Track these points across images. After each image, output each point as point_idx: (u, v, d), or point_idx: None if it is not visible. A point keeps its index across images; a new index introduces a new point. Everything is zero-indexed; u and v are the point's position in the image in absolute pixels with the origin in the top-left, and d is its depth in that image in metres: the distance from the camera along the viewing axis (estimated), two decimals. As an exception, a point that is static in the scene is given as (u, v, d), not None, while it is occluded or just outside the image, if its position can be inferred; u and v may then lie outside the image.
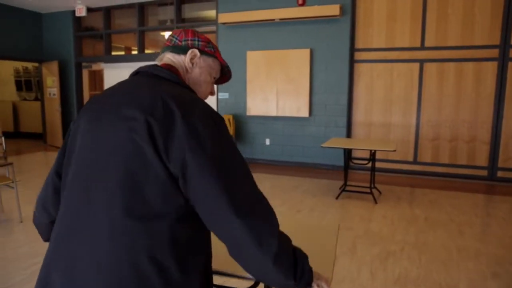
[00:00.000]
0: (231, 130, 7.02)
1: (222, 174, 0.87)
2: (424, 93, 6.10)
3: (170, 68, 1.08)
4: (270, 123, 7.05)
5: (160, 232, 0.85)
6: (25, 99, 11.36)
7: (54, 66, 8.85)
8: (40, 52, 9.21)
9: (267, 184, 5.62)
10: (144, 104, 0.89)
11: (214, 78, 1.20)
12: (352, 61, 6.44)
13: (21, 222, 3.96)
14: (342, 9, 6.21)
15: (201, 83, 1.15)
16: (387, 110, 6.33)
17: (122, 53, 8.97)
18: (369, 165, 4.93)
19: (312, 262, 1.01)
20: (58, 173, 1.05)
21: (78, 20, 8.86)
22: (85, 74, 9.23)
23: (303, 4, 6.41)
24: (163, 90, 0.93)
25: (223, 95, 7.35)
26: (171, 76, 1.04)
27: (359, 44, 6.41)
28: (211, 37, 7.69)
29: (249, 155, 7.30)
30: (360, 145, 4.75)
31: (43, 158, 7.74)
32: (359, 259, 3.09)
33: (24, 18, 8.79)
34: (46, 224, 1.12)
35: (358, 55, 6.43)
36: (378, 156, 5.89)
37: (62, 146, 1.06)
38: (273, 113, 6.87)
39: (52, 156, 7.94)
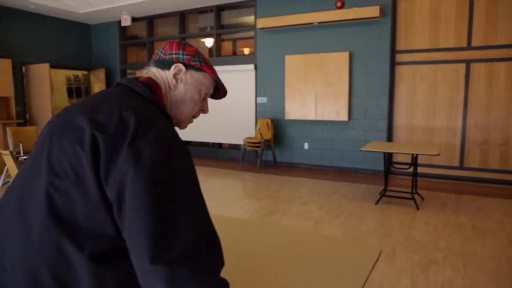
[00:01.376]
0: (269, 134, 7.04)
1: (158, 210, 0.74)
2: (471, 95, 5.81)
3: (148, 83, 0.98)
4: (309, 127, 6.99)
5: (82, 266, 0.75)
6: (75, 106, 12.01)
7: (101, 73, 9.32)
8: (89, 61, 9.73)
9: (305, 189, 5.57)
10: (99, 116, 0.80)
11: (206, 94, 1.07)
12: (393, 63, 6.27)
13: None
14: (382, 11, 6.06)
15: (186, 102, 1.03)
16: (431, 113, 6.09)
17: (164, 60, 9.26)
18: (411, 170, 4.75)
19: None
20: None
21: (124, 29, 9.28)
22: (130, 80, 9.62)
23: (341, 7, 6.33)
24: (126, 106, 0.82)
25: (261, 100, 7.39)
26: (145, 92, 0.94)
27: (400, 45, 6.23)
28: (250, 42, 7.78)
29: (288, 159, 7.27)
30: (401, 149, 4.60)
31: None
32: (398, 266, 2.98)
33: (75, 30, 9.33)
34: None
35: (400, 57, 6.24)
36: (420, 160, 5.67)
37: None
38: (311, 117, 6.81)
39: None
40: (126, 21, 8.70)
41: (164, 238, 0.73)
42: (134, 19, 8.81)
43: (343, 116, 6.52)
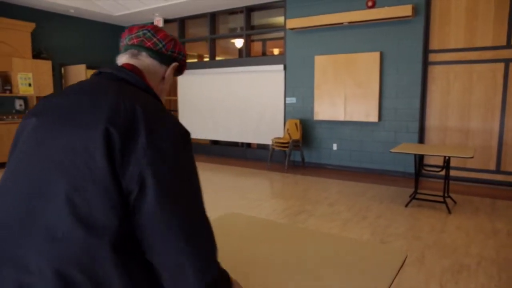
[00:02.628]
0: (298, 134, 7.03)
1: (178, 197, 0.82)
2: (510, 95, 5.57)
3: (135, 71, 0.99)
4: (338, 128, 6.92)
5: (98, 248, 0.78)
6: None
7: (134, 74, 9.59)
8: (123, 62, 10.03)
9: (333, 190, 5.53)
10: (107, 111, 0.81)
11: None
12: (425, 63, 6.11)
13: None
14: (414, 9, 5.93)
15: (166, 89, 1.14)
16: (465, 115, 5.89)
17: (195, 60, 9.44)
18: (443, 172, 4.62)
19: None
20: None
21: (156, 31, 9.50)
22: (161, 81, 9.86)
23: (372, 6, 6.23)
24: (130, 98, 0.85)
25: (291, 100, 7.39)
26: (139, 82, 0.96)
27: (433, 45, 6.07)
28: (280, 42, 7.80)
29: (316, 160, 7.23)
30: (432, 151, 4.48)
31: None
32: (428, 270, 2.92)
33: (110, 32, 9.66)
34: None
35: (433, 57, 6.08)
36: (453, 163, 5.50)
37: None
38: (341, 117, 6.75)
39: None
40: (158, 23, 8.92)
41: (193, 222, 0.84)
42: (166, 21, 9.02)
43: (373, 117, 6.42)
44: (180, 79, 9.02)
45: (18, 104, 7.91)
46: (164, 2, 7.74)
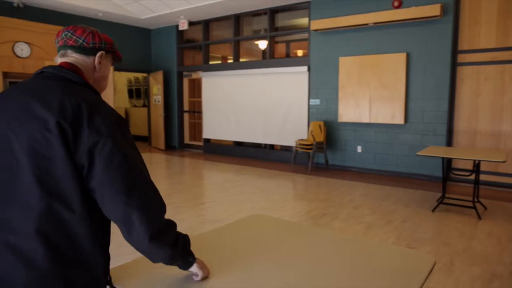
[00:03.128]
0: (322, 136, 6.98)
1: (118, 163, 1.03)
2: (544, 98, 5.36)
3: (74, 69, 1.17)
4: (362, 130, 6.83)
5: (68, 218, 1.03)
6: (135, 106, 12.71)
7: (159, 75, 9.76)
8: (148, 64, 10.23)
9: (357, 192, 5.45)
10: (56, 107, 1.01)
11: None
12: (454, 64, 5.95)
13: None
14: (443, 9, 5.78)
15: (104, 78, 1.29)
16: (496, 117, 5.69)
17: (219, 62, 9.51)
18: (472, 177, 4.48)
19: None
20: None
21: (181, 33, 9.65)
22: (186, 82, 10.00)
23: (399, 6, 6.12)
24: (72, 94, 1.06)
25: (314, 102, 7.34)
26: (77, 79, 1.14)
27: (463, 45, 5.90)
28: (304, 44, 7.77)
29: (340, 162, 7.15)
30: (461, 155, 4.35)
31: (148, 159, 8.53)
32: (457, 278, 2.83)
33: (137, 35, 9.87)
34: None
35: (462, 57, 5.91)
36: (483, 167, 5.33)
37: None
38: (365, 119, 6.65)
39: (156, 157, 8.74)
40: (183, 25, 9.04)
41: (133, 182, 1.05)
42: (190, 23, 9.13)
43: (399, 119, 6.30)
44: (205, 80, 9.11)
45: (49, 105, 8.17)
46: (189, 5, 7.84)
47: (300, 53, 8.08)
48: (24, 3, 7.54)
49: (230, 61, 8.92)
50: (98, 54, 1.23)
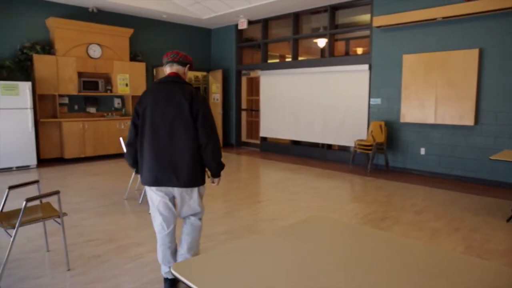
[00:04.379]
0: (382, 136, 6.73)
1: (206, 117, 2.42)
2: None
3: (179, 76, 2.54)
4: (427, 131, 6.48)
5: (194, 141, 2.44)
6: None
7: (218, 74, 9.99)
8: (208, 63, 10.52)
9: (420, 197, 5.19)
10: (181, 95, 2.40)
11: None
12: (535, 61, 5.43)
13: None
14: (524, 1, 5.30)
15: (187, 77, 2.65)
16: None
17: (277, 60, 9.52)
18: (555, 185, 4.07)
19: None
20: (135, 126, 2.51)
21: (240, 32, 9.79)
22: (244, 81, 10.13)
23: (472, -1, 5.70)
24: (185, 89, 2.43)
25: (375, 101, 7.10)
26: (182, 81, 2.52)
27: (546, 40, 5.37)
28: (365, 41, 7.55)
29: (401, 164, 6.86)
30: (542, 160, 3.97)
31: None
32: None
33: (198, 35, 10.18)
34: (133, 154, 2.55)
35: (545, 53, 5.38)
36: None
37: (134, 115, 2.50)
38: (430, 120, 6.30)
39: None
40: (243, 25, 9.16)
41: (211, 131, 2.44)
42: (250, 22, 9.23)
43: (468, 121, 5.89)
44: (263, 79, 9.17)
45: (117, 103, 8.70)
46: (249, 4, 7.92)
47: (360, 51, 7.84)
48: (98, 8, 8.08)
49: (289, 59, 8.89)
50: (187, 66, 2.60)
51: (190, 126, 2.36)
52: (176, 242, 2.64)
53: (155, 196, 2.48)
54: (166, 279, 2.59)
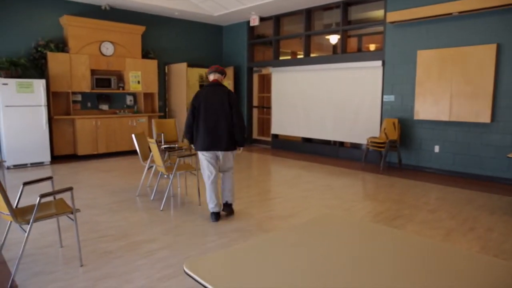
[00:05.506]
0: (395, 134, 6.64)
1: (237, 108, 3.95)
2: None
3: (219, 81, 4.04)
4: (441, 129, 6.38)
5: (232, 122, 3.95)
6: (206, 101, 13.14)
7: (230, 71, 9.98)
8: (220, 60, 10.51)
9: (433, 195, 5.11)
10: (221, 93, 3.93)
11: None
12: (555, 56, 5.29)
13: (199, 205, 4.60)
14: (543, -6, 5.15)
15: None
16: None
17: (289, 57, 9.47)
18: None
19: None
20: (193, 114, 3.94)
21: (252, 29, 9.76)
22: (255, 77, 10.11)
23: (489, -7, 5.56)
24: (225, 89, 3.99)
25: (389, 98, 7.00)
26: (221, 84, 4.04)
27: None
28: (378, 37, 7.45)
29: (414, 162, 6.76)
30: (562, 159, 3.86)
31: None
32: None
33: (209, 32, 10.18)
34: (191, 133, 3.97)
35: None
36: None
37: (192, 107, 3.94)
38: (445, 117, 6.20)
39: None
40: (254, 21, 9.13)
41: (240, 114, 3.97)
42: (261, 19, 9.19)
43: (485, 118, 5.77)
44: (275, 76, 9.14)
45: (129, 100, 8.75)
46: (261, 1, 7.88)
47: (372, 47, 7.74)
48: (111, 6, 8.13)
49: (300, 56, 8.83)
50: (223, 75, 4.09)
51: (227, 113, 3.87)
52: (217, 189, 4.05)
53: (205, 157, 3.96)
54: (212, 213, 4.03)
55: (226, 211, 4.17)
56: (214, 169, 3.97)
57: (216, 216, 4.01)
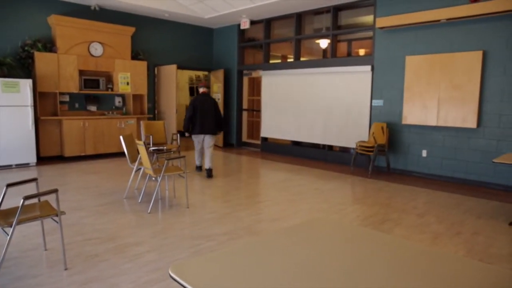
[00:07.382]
0: (384, 138, 6.69)
1: (219, 111, 6.45)
2: None
3: (207, 93, 6.53)
4: (429, 133, 6.44)
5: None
6: (196, 103, 13.10)
7: (220, 74, 9.96)
8: (210, 62, 10.48)
9: (421, 199, 5.15)
10: (210, 101, 6.37)
11: None
12: (539, 64, 5.39)
13: (188, 208, 4.56)
14: (529, 3, 5.25)
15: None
16: None
17: (279, 61, 9.49)
18: (559, 189, 4.03)
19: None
20: (194, 110, 6.24)
21: (242, 32, 9.76)
22: (245, 80, 10.10)
23: (476, 0, 5.66)
24: (211, 98, 6.46)
25: (377, 102, 7.06)
26: (209, 95, 6.66)
27: (550, 42, 5.32)
28: (367, 42, 7.51)
29: (402, 166, 6.82)
30: (546, 164, 3.93)
31: (207, 155, 8.74)
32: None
33: (200, 34, 10.15)
34: (189, 125, 6.31)
35: (549, 56, 5.34)
36: None
37: (192, 106, 6.27)
38: (432, 122, 6.27)
39: (214, 154, 8.91)
40: (245, 24, 9.13)
41: (221, 116, 6.51)
42: (252, 22, 9.20)
43: (471, 123, 5.85)
44: (265, 79, 9.14)
45: (117, 101, 8.67)
46: (252, 4, 7.89)
47: (362, 52, 7.81)
48: (100, 6, 8.06)
49: (291, 60, 8.86)
50: (208, 88, 7.38)
51: (213, 113, 6.22)
52: (201, 155, 6.59)
53: (197, 138, 6.36)
54: (197, 166, 6.69)
55: (207, 174, 6.31)
56: (199, 145, 6.43)
57: (200, 168, 6.69)
